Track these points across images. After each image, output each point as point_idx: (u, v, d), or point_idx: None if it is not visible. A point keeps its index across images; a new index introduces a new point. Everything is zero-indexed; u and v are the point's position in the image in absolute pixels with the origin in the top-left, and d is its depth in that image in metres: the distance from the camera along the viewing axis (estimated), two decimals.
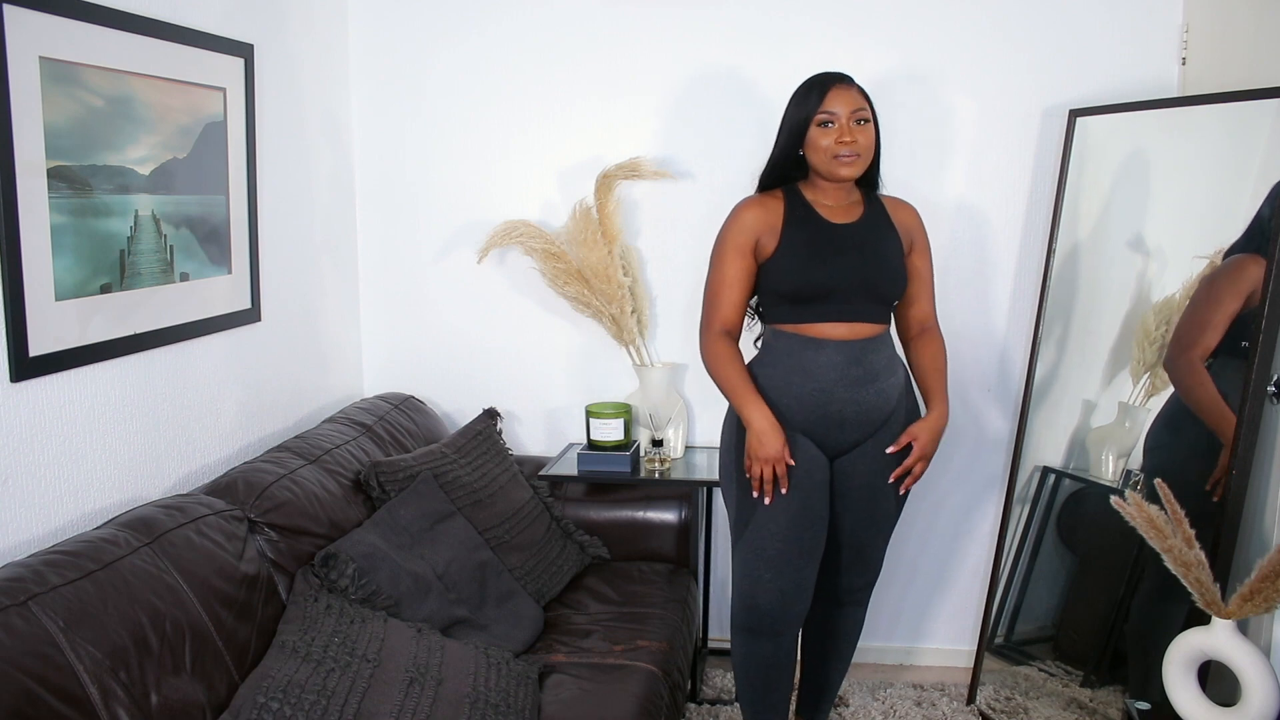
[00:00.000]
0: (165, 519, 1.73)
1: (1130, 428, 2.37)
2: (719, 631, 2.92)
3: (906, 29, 2.64)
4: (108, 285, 1.82)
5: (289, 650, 1.70)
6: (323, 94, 2.69)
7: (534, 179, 2.81)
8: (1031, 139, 2.65)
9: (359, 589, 1.93)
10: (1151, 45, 2.57)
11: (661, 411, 2.66)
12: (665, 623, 2.28)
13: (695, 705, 2.64)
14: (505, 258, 2.84)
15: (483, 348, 2.92)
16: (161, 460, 2.01)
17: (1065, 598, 2.56)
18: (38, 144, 1.62)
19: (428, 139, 2.85)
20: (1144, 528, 1.80)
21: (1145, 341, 2.32)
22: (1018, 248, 2.71)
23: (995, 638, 2.65)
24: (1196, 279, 2.22)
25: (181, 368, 2.07)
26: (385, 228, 2.91)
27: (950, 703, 2.68)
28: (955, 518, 2.84)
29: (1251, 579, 1.71)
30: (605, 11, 2.73)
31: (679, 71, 2.73)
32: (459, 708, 1.71)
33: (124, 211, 1.86)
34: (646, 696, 1.96)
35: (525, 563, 2.35)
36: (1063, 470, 2.55)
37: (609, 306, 2.68)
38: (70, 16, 1.68)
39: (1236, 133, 2.22)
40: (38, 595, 1.42)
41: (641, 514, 2.64)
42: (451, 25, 2.79)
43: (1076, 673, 2.48)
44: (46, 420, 1.70)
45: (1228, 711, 1.76)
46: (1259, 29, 2.26)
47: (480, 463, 2.46)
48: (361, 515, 2.19)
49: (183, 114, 2.03)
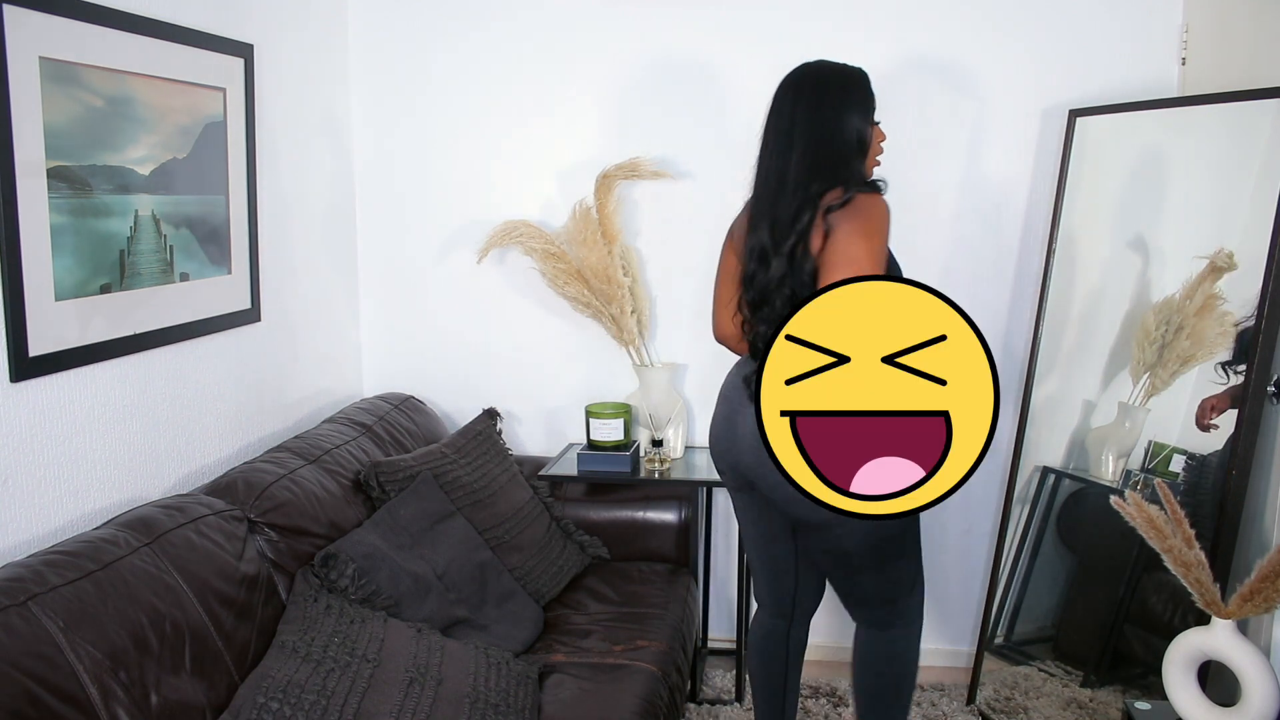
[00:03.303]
0: (165, 519, 1.73)
1: (1130, 428, 2.37)
2: (719, 631, 2.92)
3: (907, 28, 2.64)
4: (107, 285, 1.82)
5: (289, 650, 1.70)
6: (322, 94, 2.69)
7: (534, 179, 2.81)
8: (1031, 139, 2.65)
9: (359, 589, 1.93)
10: (1151, 45, 2.57)
11: (661, 411, 2.66)
12: (665, 623, 2.28)
13: (695, 705, 2.64)
14: (505, 258, 2.84)
15: (483, 348, 2.92)
16: (161, 460, 2.01)
17: (1065, 598, 2.56)
18: (38, 144, 1.62)
19: (427, 139, 2.85)
20: (1144, 528, 1.80)
21: (1145, 341, 2.31)
22: (1017, 248, 2.71)
23: (995, 638, 2.65)
24: (1196, 279, 2.22)
25: (181, 368, 2.07)
26: (385, 228, 2.91)
27: (950, 703, 2.68)
28: (955, 518, 2.84)
29: (1251, 579, 1.71)
30: (605, 11, 2.73)
31: (679, 71, 2.73)
32: (459, 708, 1.71)
33: (124, 211, 1.86)
34: (646, 696, 1.96)
35: (525, 563, 2.35)
36: (1063, 470, 2.55)
37: (609, 306, 2.68)
38: (70, 16, 1.68)
39: (1236, 133, 2.22)
40: (38, 595, 1.42)
41: (641, 514, 2.64)
42: (451, 25, 2.79)
43: (1076, 673, 2.48)
44: (46, 420, 1.70)
45: (1228, 711, 1.76)
46: (1259, 29, 2.26)
47: (480, 463, 2.46)
48: (361, 515, 2.19)
49: (183, 114, 2.03)
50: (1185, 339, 2.23)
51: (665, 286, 2.83)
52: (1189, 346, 2.22)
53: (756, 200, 1.90)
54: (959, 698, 2.70)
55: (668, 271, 2.82)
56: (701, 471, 2.67)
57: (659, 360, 2.82)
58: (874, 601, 2.06)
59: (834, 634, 2.83)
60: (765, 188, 1.88)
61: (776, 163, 1.88)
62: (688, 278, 2.80)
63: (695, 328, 2.82)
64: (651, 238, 2.81)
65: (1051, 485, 2.58)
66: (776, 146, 1.88)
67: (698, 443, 2.88)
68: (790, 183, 1.84)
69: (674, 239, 2.80)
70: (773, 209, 1.85)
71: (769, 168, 1.89)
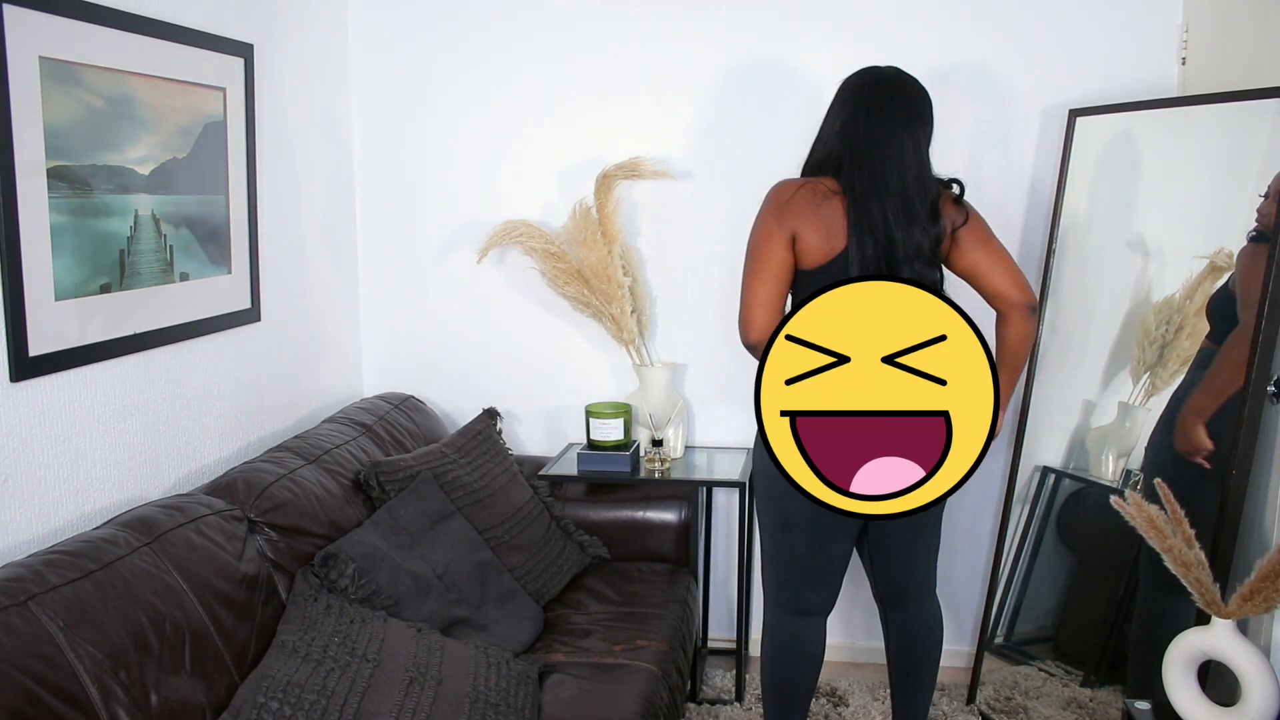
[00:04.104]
0: (165, 519, 1.73)
1: (1130, 428, 2.37)
2: (719, 631, 2.92)
3: (906, 29, 2.64)
4: (107, 285, 1.82)
5: (289, 650, 1.70)
6: (322, 94, 2.69)
7: (534, 179, 2.81)
8: (1031, 139, 2.65)
9: (359, 589, 1.93)
10: (1151, 45, 2.57)
11: (661, 411, 2.66)
12: (665, 623, 2.28)
13: (695, 705, 2.64)
14: (505, 258, 2.84)
15: (483, 348, 2.92)
16: (161, 460, 2.01)
17: (1065, 598, 2.56)
18: (38, 144, 1.63)
19: (427, 139, 2.85)
20: (1144, 528, 1.80)
21: (1145, 341, 2.31)
22: (1018, 247, 2.70)
23: (995, 638, 2.65)
24: (1196, 279, 2.22)
25: (181, 367, 2.07)
26: (385, 228, 2.91)
27: (950, 702, 2.68)
28: (955, 517, 2.84)
29: (1251, 579, 1.71)
30: (605, 11, 2.73)
31: (678, 71, 2.73)
32: (459, 707, 1.71)
33: (124, 211, 1.86)
34: (646, 696, 1.96)
35: (525, 563, 2.35)
36: (1063, 470, 2.55)
37: (609, 306, 2.68)
38: (70, 16, 1.69)
39: (1236, 132, 2.22)
40: (38, 595, 1.42)
41: (641, 514, 2.64)
42: (451, 25, 2.79)
43: (1076, 673, 2.48)
44: (46, 420, 1.70)
45: (1228, 711, 1.76)
46: (1259, 29, 2.26)
47: (480, 463, 2.46)
48: (361, 515, 2.19)
49: (182, 114, 2.03)
50: (1185, 339, 2.23)
51: (665, 286, 2.83)
52: (1189, 346, 2.22)
53: (881, 198, 1.88)
54: (959, 697, 2.70)
55: (668, 271, 2.82)
56: (701, 471, 2.67)
57: (659, 360, 2.82)
58: (932, 565, 2.16)
59: (834, 634, 2.83)
60: (890, 186, 1.89)
61: (896, 166, 1.89)
62: (688, 277, 2.80)
63: (695, 327, 2.82)
64: (651, 238, 2.81)
65: (1051, 485, 2.58)
66: (890, 151, 1.90)
67: (698, 443, 2.88)
68: (913, 187, 1.89)
69: (674, 239, 2.80)
70: (907, 207, 1.88)
71: (891, 168, 1.89)
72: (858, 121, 1.93)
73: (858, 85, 1.98)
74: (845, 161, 1.93)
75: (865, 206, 1.88)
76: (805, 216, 1.91)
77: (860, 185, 1.89)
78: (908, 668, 2.22)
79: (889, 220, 1.87)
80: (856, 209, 1.89)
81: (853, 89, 1.98)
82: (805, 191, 1.93)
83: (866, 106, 1.93)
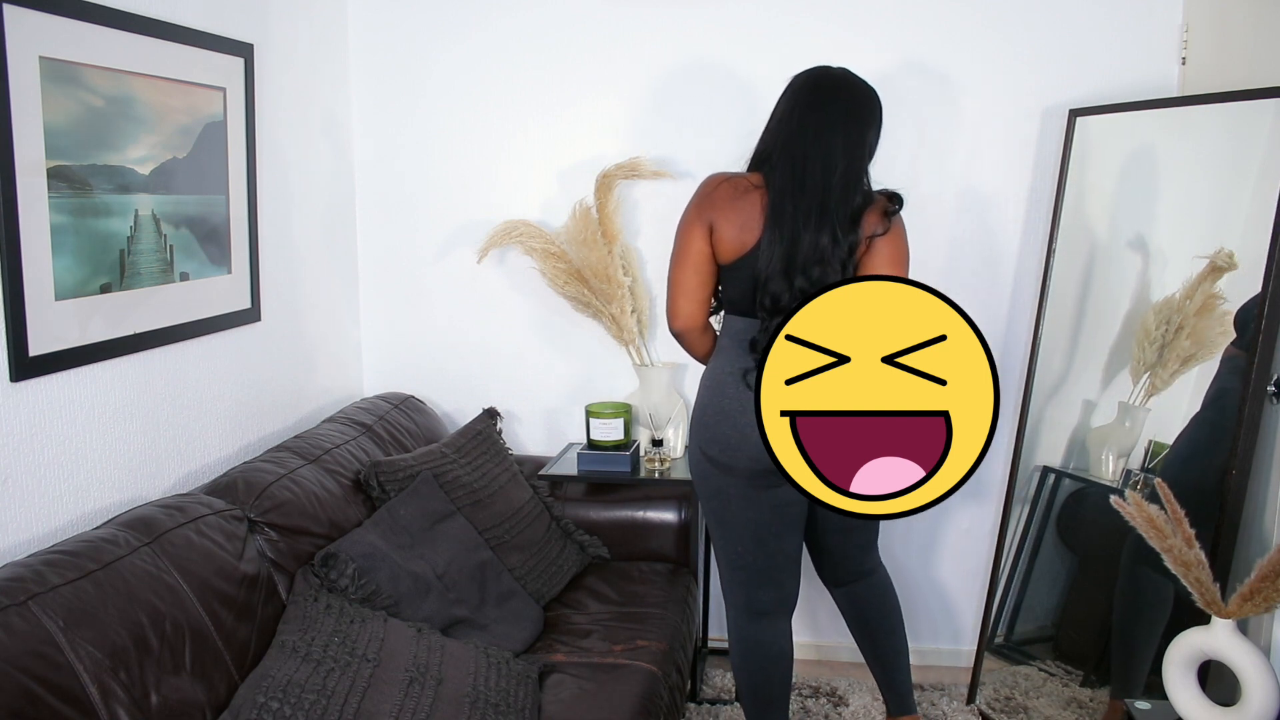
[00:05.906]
0: (165, 519, 1.73)
1: (1130, 428, 2.37)
2: (719, 631, 2.92)
3: (906, 28, 2.64)
4: (107, 285, 1.82)
5: (289, 650, 1.70)
6: (322, 94, 2.69)
7: (534, 179, 2.81)
8: (1031, 139, 2.65)
9: (359, 589, 1.93)
10: (1151, 45, 2.57)
11: (661, 411, 2.66)
12: (665, 623, 2.28)
13: (695, 705, 2.64)
14: (505, 258, 2.84)
15: (483, 348, 2.92)
16: (161, 460, 2.01)
17: (1065, 598, 2.56)
18: (38, 144, 1.62)
19: (427, 138, 2.85)
20: (1144, 528, 1.80)
21: (1145, 341, 2.32)
22: (1017, 248, 2.71)
23: (995, 637, 2.65)
24: (1196, 279, 2.22)
25: (181, 367, 2.07)
26: (385, 228, 2.91)
27: (950, 702, 2.68)
28: (955, 517, 2.84)
29: (1251, 579, 1.71)
30: (605, 11, 2.73)
31: (679, 71, 2.73)
32: (459, 707, 1.71)
33: (124, 211, 1.86)
34: (646, 696, 1.96)
35: (525, 563, 2.35)
36: (1063, 470, 2.55)
37: (609, 306, 2.68)
38: (70, 16, 1.68)
39: (1236, 132, 2.22)
40: (38, 595, 1.42)
41: (641, 514, 2.64)
42: (451, 25, 2.79)
43: (1076, 672, 2.48)
44: (46, 420, 1.70)
45: (1228, 711, 1.76)
46: (1259, 29, 2.26)
47: (480, 463, 2.46)
48: (361, 515, 2.19)
49: (183, 114, 2.03)
50: (1185, 339, 2.23)
51: (665, 286, 2.82)
52: (1189, 346, 2.22)
53: (795, 196, 1.87)
54: (959, 697, 2.70)
55: (667, 271, 2.81)
56: None
57: (659, 360, 2.82)
58: (876, 536, 2.21)
59: (833, 634, 2.83)
60: (806, 184, 1.87)
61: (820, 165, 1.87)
62: None
63: None
64: (651, 238, 2.81)
65: (1051, 485, 2.58)
66: (817, 149, 1.88)
67: None
68: (836, 190, 1.86)
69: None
70: (821, 208, 1.86)
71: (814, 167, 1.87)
72: (793, 117, 1.92)
73: (803, 82, 1.97)
74: (773, 156, 1.93)
75: (780, 204, 1.87)
76: (722, 210, 1.93)
77: (779, 181, 1.88)
78: (875, 635, 2.27)
79: (798, 220, 1.86)
80: (772, 205, 1.89)
81: (798, 86, 1.97)
82: (727, 186, 1.94)
83: (804, 103, 1.93)
